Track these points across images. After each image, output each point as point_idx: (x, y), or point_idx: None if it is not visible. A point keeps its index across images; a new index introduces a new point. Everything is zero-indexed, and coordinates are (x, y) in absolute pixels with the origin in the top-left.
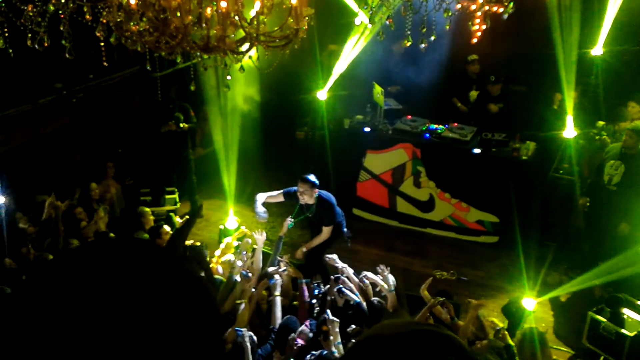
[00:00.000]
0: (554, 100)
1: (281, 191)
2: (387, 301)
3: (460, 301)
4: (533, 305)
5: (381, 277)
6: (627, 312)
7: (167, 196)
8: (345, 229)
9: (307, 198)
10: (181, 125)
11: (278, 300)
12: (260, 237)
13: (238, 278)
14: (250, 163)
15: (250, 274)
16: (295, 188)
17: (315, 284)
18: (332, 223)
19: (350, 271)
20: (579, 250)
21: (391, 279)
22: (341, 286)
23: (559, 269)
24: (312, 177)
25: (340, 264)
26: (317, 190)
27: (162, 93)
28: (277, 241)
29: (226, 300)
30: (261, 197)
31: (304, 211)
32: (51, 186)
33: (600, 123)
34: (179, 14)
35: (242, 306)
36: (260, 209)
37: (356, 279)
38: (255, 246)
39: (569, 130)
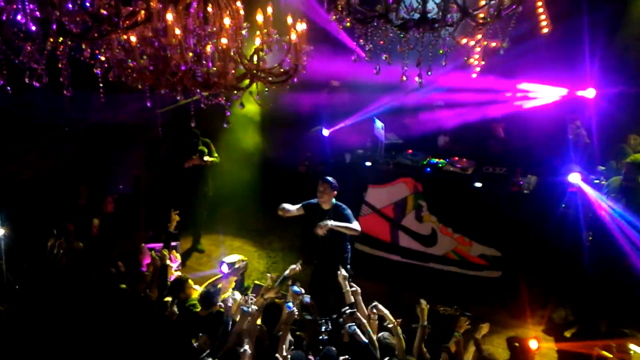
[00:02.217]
0: (569, 129)
1: (301, 204)
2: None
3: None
4: (536, 345)
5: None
6: (633, 347)
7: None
8: (348, 266)
9: (325, 198)
10: (205, 158)
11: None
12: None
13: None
14: (251, 197)
15: (250, 309)
16: (313, 200)
17: (322, 320)
18: (356, 220)
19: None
20: (585, 284)
21: None
22: (354, 325)
23: (565, 304)
24: (331, 179)
25: (351, 299)
26: (335, 193)
27: (183, 127)
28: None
29: (227, 338)
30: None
31: (319, 218)
32: (52, 222)
33: (601, 168)
34: (179, 51)
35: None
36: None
37: (366, 312)
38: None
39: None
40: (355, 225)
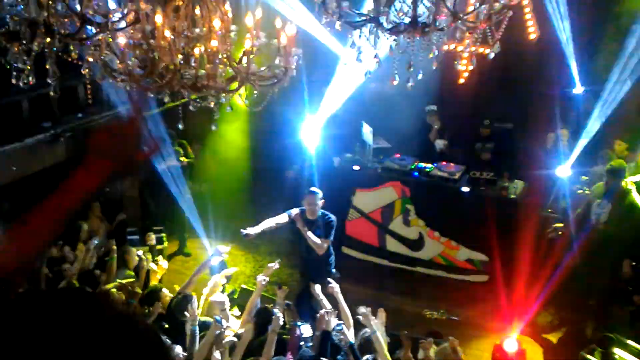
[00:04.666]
0: (546, 140)
1: (285, 213)
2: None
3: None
4: (515, 346)
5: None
6: (618, 352)
7: (155, 235)
8: (333, 270)
9: (316, 210)
10: (181, 159)
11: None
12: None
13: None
14: (239, 201)
15: (223, 321)
16: (295, 210)
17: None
18: (330, 239)
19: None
20: (570, 289)
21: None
22: (341, 324)
23: (549, 309)
24: (318, 190)
25: (328, 306)
26: (323, 201)
27: (159, 130)
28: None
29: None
30: (266, 222)
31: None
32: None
33: (584, 178)
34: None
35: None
36: (252, 229)
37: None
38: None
39: (564, 169)
40: (322, 242)
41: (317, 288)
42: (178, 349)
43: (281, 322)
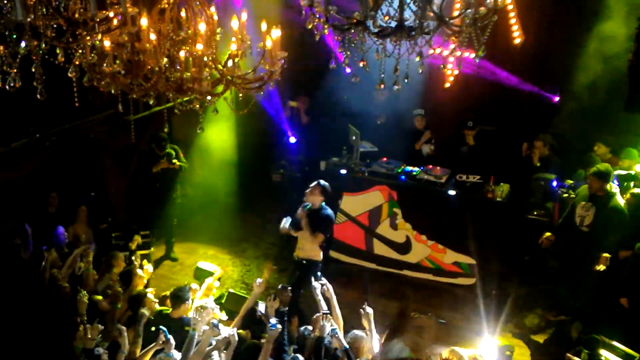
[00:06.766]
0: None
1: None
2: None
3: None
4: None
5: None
6: (604, 353)
7: (141, 240)
8: (319, 273)
9: (311, 198)
10: (174, 161)
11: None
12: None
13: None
14: (226, 205)
15: (219, 325)
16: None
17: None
18: (326, 234)
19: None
20: (555, 291)
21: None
22: (336, 328)
23: (536, 311)
24: (323, 183)
25: (324, 308)
26: (323, 198)
27: (152, 134)
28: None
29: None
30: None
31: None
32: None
33: (569, 181)
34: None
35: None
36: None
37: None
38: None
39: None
40: (318, 237)
41: (317, 289)
42: (177, 355)
43: (278, 333)
